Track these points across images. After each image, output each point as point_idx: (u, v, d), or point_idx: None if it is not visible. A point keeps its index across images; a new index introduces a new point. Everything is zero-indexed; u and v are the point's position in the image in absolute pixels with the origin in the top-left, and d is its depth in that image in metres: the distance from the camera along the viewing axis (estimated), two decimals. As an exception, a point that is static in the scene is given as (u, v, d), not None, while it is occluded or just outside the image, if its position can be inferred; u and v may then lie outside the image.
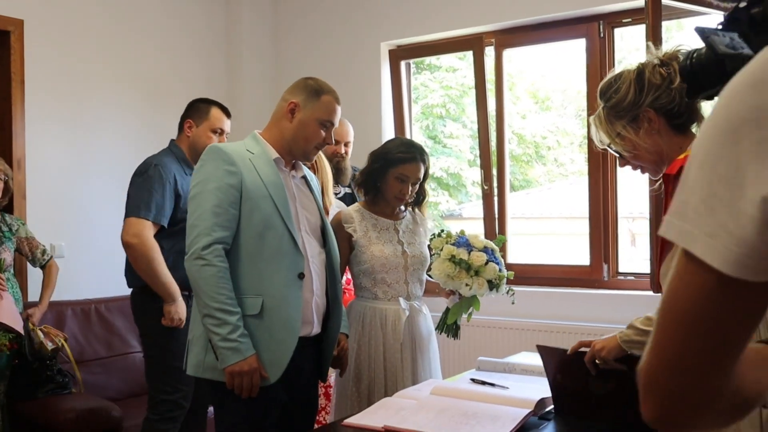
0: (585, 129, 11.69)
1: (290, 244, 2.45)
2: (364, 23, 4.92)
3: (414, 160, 2.93)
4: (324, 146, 2.61)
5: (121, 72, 4.49)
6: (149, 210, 3.20)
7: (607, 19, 4.19)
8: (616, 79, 1.96)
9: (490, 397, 2.33)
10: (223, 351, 2.32)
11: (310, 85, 2.57)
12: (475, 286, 2.83)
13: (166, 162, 3.32)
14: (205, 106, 3.44)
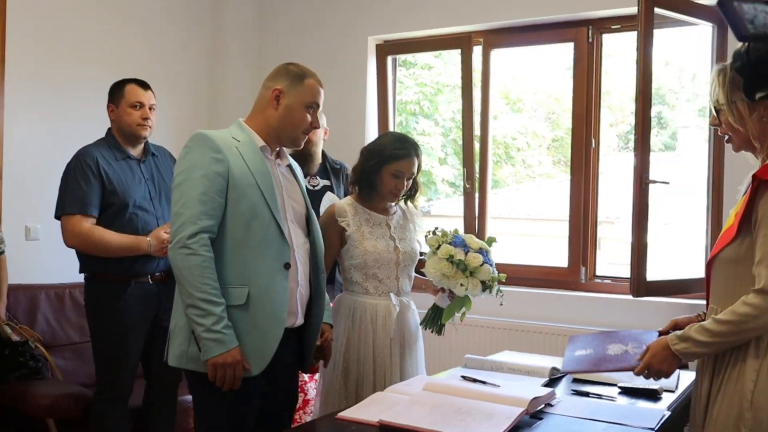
0: (554, 132, 11.80)
1: (277, 233, 2.42)
2: (352, 16, 4.90)
3: (409, 155, 2.93)
4: (311, 130, 2.57)
5: (102, 58, 4.40)
6: (74, 204, 3.22)
7: (596, 24, 4.24)
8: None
9: (483, 395, 2.34)
10: (206, 342, 2.28)
11: (292, 70, 2.54)
12: (470, 286, 2.85)
13: (88, 150, 3.31)
14: (120, 85, 3.43)
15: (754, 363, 1.91)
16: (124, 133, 3.40)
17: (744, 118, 1.93)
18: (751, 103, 1.89)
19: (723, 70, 1.94)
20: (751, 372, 1.91)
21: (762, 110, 1.90)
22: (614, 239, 8.26)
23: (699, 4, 3.79)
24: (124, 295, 3.29)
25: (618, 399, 2.52)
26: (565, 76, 10.97)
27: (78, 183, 3.23)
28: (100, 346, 3.35)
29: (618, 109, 10.63)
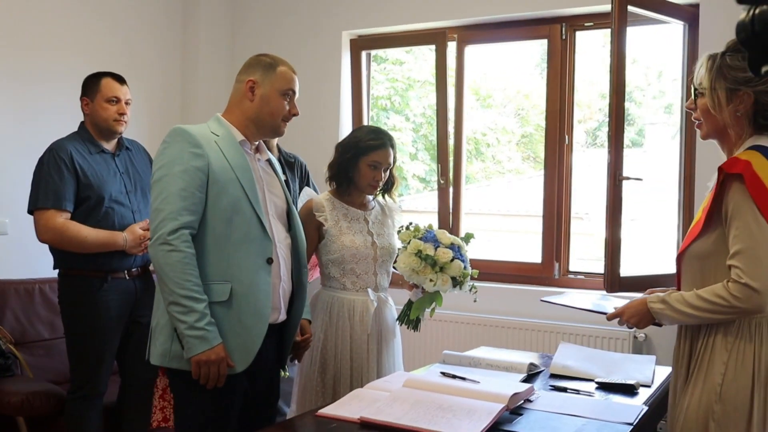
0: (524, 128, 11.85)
1: (258, 228, 2.40)
2: (326, 11, 4.87)
3: (384, 146, 2.95)
4: (291, 117, 2.55)
5: (72, 49, 4.31)
6: (47, 198, 3.16)
7: (570, 22, 4.26)
8: None
9: (463, 391, 2.35)
10: (189, 340, 2.26)
11: (264, 60, 2.53)
12: (439, 282, 2.84)
13: (62, 144, 3.26)
14: (95, 79, 3.38)
15: (722, 356, 1.94)
16: (99, 128, 3.35)
17: (722, 106, 1.98)
18: (729, 94, 1.95)
19: (713, 56, 2.00)
20: (719, 365, 1.94)
21: (738, 104, 1.96)
22: (584, 235, 8.34)
23: (671, 3, 3.83)
24: (100, 291, 3.25)
25: (596, 394, 2.54)
26: (533, 73, 11.06)
27: (51, 177, 3.17)
28: (75, 342, 3.30)
29: (586, 105, 10.73)
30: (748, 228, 1.86)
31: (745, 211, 1.87)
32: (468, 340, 4.22)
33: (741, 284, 1.84)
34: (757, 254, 1.85)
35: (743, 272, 1.85)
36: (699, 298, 1.94)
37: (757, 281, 1.84)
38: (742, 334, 1.92)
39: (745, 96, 1.95)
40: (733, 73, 1.96)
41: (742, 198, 1.88)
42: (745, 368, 1.90)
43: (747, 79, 1.93)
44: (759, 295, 1.84)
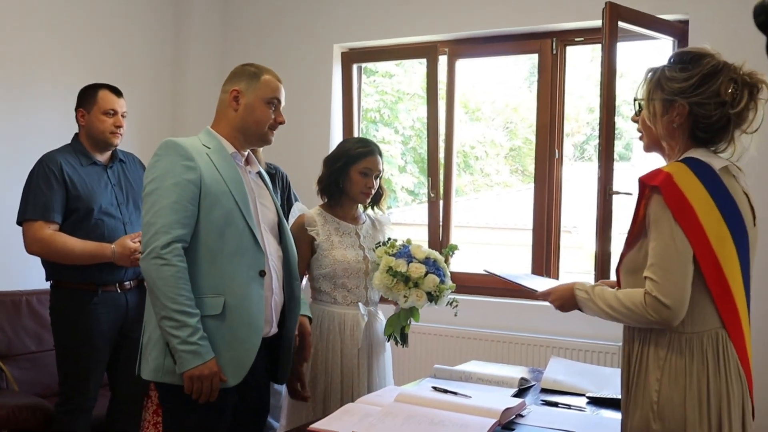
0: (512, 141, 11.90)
1: (251, 240, 2.39)
2: (317, 24, 4.88)
3: (373, 153, 2.97)
4: (277, 126, 2.54)
5: (61, 60, 4.28)
6: (36, 209, 3.14)
7: (560, 37, 4.29)
8: (696, 57, 1.98)
9: (455, 406, 2.34)
10: (182, 355, 2.24)
11: (248, 69, 2.53)
12: (413, 297, 2.79)
13: (53, 156, 3.25)
14: (92, 90, 3.37)
15: (655, 373, 1.94)
16: (94, 140, 3.34)
17: (656, 117, 1.99)
18: (666, 105, 1.96)
19: (654, 69, 2.03)
20: (653, 383, 1.93)
21: (674, 114, 1.96)
22: (573, 248, 8.37)
23: (661, 19, 3.86)
24: (91, 304, 3.22)
25: (587, 409, 2.54)
26: (522, 86, 11.12)
27: (40, 188, 3.16)
28: (65, 355, 3.27)
29: (574, 119, 10.79)
30: (664, 242, 1.86)
31: (663, 224, 1.87)
32: (458, 353, 4.21)
33: (652, 297, 1.85)
34: (670, 269, 1.85)
35: (655, 286, 1.85)
36: (618, 300, 1.94)
37: (668, 297, 1.83)
38: (672, 350, 1.92)
39: (680, 107, 1.95)
40: (669, 84, 1.97)
41: (660, 210, 1.88)
42: (678, 385, 1.90)
43: (682, 90, 1.94)
44: (669, 310, 1.84)
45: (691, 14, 3.88)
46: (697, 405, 1.87)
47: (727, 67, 1.94)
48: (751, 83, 1.93)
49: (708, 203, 1.89)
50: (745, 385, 1.92)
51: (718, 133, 1.97)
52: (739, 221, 1.94)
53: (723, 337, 1.91)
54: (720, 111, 1.93)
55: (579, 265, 8.01)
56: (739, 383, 1.91)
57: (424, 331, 4.35)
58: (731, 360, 1.90)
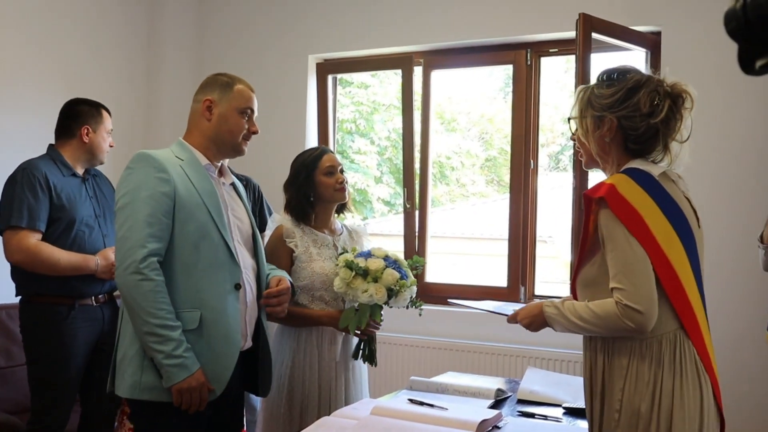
0: (488, 151, 11.94)
1: (226, 254, 2.37)
2: (292, 35, 4.86)
3: (326, 151, 2.99)
4: (251, 136, 2.52)
5: (31, 71, 4.24)
6: (21, 216, 3.06)
7: (535, 48, 4.31)
8: (621, 73, 2.04)
9: (432, 419, 2.32)
10: (169, 369, 2.21)
11: (220, 79, 2.51)
12: (372, 291, 2.72)
13: (36, 163, 3.19)
14: (95, 110, 3.37)
15: (619, 382, 1.95)
16: (89, 156, 3.33)
17: (589, 133, 2.04)
18: (596, 121, 2.02)
19: (585, 87, 2.09)
20: (617, 392, 1.95)
21: (604, 129, 2.01)
22: (548, 258, 8.40)
23: (634, 31, 3.90)
24: (68, 319, 3.16)
25: (563, 420, 2.53)
26: (497, 97, 11.17)
27: (26, 195, 3.07)
28: (38, 372, 3.18)
29: (548, 129, 10.86)
30: (623, 251, 1.88)
31: (617, 234, 1.90)
32: (435, 365, 4.20)
33: (624, 306, 1.86)
34: (635, 276, 1.87)
35: (624, 295, 1.87)
36: (590, 311, 1.95)
37: (639, 303, 1.85)
38: (634, 357, 1.93)
39: (610, 122, 2.00)
40: (598, 101, 2.03)
41: (611, 221, 1.91)
42: (638, 392, 1.91)
43: (610, 105, 2.00)
44: (643, 315, 1.86)
45: (663, 26, 3.92)
46: (650, 404, 1.89)
47: (650, 81, 2.01)
48: (674, 94, 1.99)
49: (653, 209, 1.93)
50: (706, 384, 1.94)
51: (648, 143, 2.02)
52: (684, 223, 1.98)
53: (680, 337, 1.93)
54: (646, 122, 1.99)
55: (555, 274, 8.04)
56: (697, 381, 1.92)
57: (399, 342, 4.34)
58: (688, 359, 1.92)
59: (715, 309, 2.52)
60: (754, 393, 3.70)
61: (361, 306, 2.77)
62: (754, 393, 3.70)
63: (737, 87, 3.66)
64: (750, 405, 3.70)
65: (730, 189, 3.71)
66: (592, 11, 3.74)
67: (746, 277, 3.69)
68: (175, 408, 2.26)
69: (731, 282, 3.68)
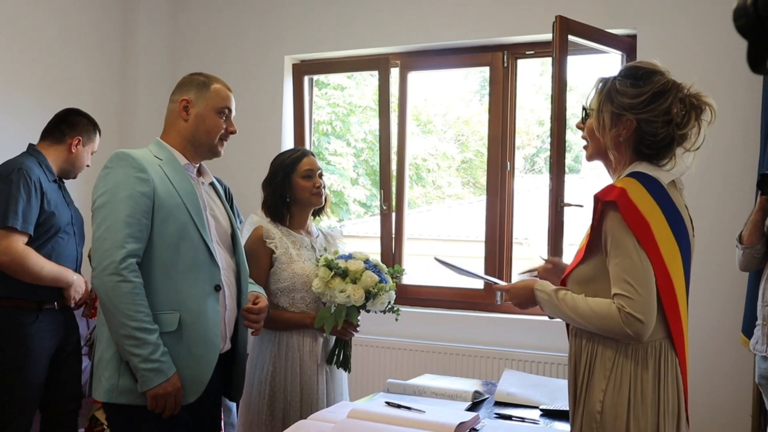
0: (464, 153, 11.94)
1: (206, 255, 2.34)
2: (268, 35, 4.83)
3: (306, 154, 2.96)
4: (228, 136, 2.50)
5: (9, 69, 4.16)
6: (16, 218, 3.00)
7: (511, 50, 4.32)
8: (647, 74, 1.99)
9: (409, 422, 2.31)
10: (144, 373, 2.18)
11: (197, 78, 2.48)
12: (350, 290, 2.70)
13: (30, 166, 3.14)
14: (92, 126, 3.38)
15: (601, 383, 1.96)
16: (70, 167, 3.33)
17: (605, 129, 2.01)
18: (614, 118, 1.98)
19: (605, 80, 2.05)
20: (598, 393, 1.95)
21: (621, 128, 1.99)
22: (524, 260, 8.42)
23: (610, 33, 3.92)
24: (36, 322, 3.11)
25: (540, 422, 2.53)
26: (473, 99, 11.20)
27: (21, 196, 3.01)
28: (2, 378, 3.11)
29: (524, 132, 10.91)
30: (630, 259, 1.88)
31: (624, 241, 1.89)
32: (412, 367, 4.19)
33: (626, 313, 1.86)
34: (640, 285, 1.87)
35: (628, 303, 1.87)
36: (589, 308, 1.94)
37: (640, 313, 1.86)
38: (618, 360, 1.94)
39: (628, 122, 1.98)
40: (620, 98, 1.99)
41: (619, 227, 1.90)
42: (622, 395, 1.92)
43: (632, 106, 1.97)
44: (643, 324, 1.86)
45: (638, 28, 3.95)
46: (638, 413, 1.90)
47: (676, 87, 1.98)
48: (697, 105, 1.97)
49: (660, 218, 1.93)
50: (681, 393, 1.96)
51: (662, 150, 2.01)
52: (685, 235, 1.98)
53: (666, 347, 1.94)
54: (666, 129, 1.96)
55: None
56: (675, 391, 1.94)
57: (376, 344, 4.32)
58: (670, 369, 1.94)
59: (693, 310, 2.53)
60: (728, 393, 3.73)
61: (338, 307, 2.75)
62: (729, 393, 3.73)
63: (713, 89, 3.67)
64: (724, 405, 3.73)
65: (708, 191, 3.73)
66: (568, 14, 3.75)
67: (722, 278, 3.72)
68: (153, 412, 2.24)
69: (708, 283, 3.70)
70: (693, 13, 3.86)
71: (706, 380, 3.71)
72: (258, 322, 2.54)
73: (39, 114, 3.45)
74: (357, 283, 2.72)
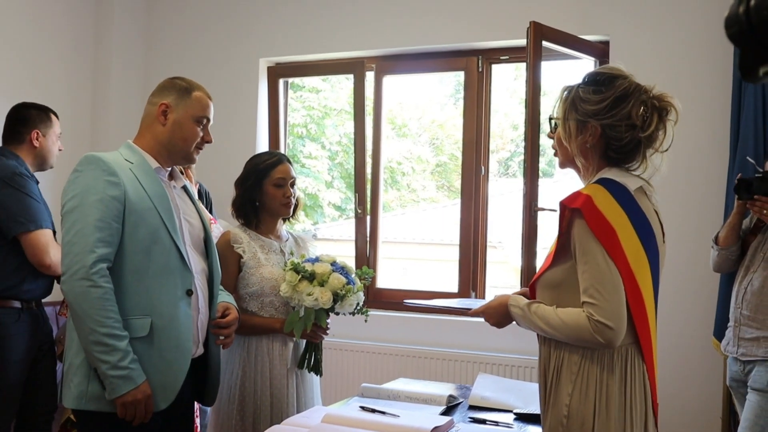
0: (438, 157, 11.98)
1: (177, 259, 2.31)
2: (243, 37, 4.81)
3: (282, 161, 2.92)
4: (204, 145, 2.47)
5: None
6: (44, 219, 3.10)
7: (486, 55, 4.34)
8: (609, 79, 2.01)
9: (383, 426, 2.31)
10: (113, 380, 2.15)
11: (179, 83, 2.44)
12: (317, 294, 2.68)
13: (17, 165, 3.13)
14: (44, 113, 3.32)
15: (567, 387, 1.97)
16: (42, 161, 3.30)
17: (571, 137, 2.03)
18: (580, 126, 2.00)
19: (569, 88, 2.06)
20: (565, 397, 1.97)
21: (587, 135, 2.00)
22: (498, 263, 8.46)
23: (583, 40, 3.95)
24: (18, 322, 3.08)
25: (514, 425, 2.54)
26: (448, 103, 11.23)
27: (33, 199, 3.08)
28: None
29: (498, 136, 10.96)
30: (598, 266, 1.89)
31: (591, 248, 1.90)
32: (386, 371, 4.19)
33: (595, 321, 1.87)
34: (608, 292, 1.88)
35: (596, 311, 1.88)
36: (559, 319, 1.95)
37: (610, 319, 1.86)
38: (584, 365, 1.95)
39: (593, 128, 1.99)
40: (583, 106, 2.00)
41: (585, 235, 1.91)
42: (588, 399, 1.93)
43: (595, 112, 1.98)
44: (613, 331, 1.87)
45: (611, 35, 3.98)
46: (603, 418, 1.91)
47: (638, 90, 1.99)
48: (660, 106, 1.98)
49: (626, 225, 1.93)
50: (649, 399, 1.97)
51: (630, 154, 2.02)
52: (652, 241, 1.99)
53: (632, 352, 1.95)
54: (630, 134, 1.98)
55: (505, 279, 8.11)
56: (643, 397, 1.95)
57: (350, 348, 4.32)
58: (637, 375, 1.95)
59: (665, 313, 2.56)
60: (698, 396, 3.77)
61: (307, 310, 2.74)
62: (699, 396, 3.77)
63: (684, 95, 3.71)
64: (694, 408, 3.77)
65: (680, 195, 3.77)
66: (542, 20, 3.78)
67: (693, 281, 3.76)
68: (124, 419, 2.21)
69: (679, 286, 3.74)
70: (665, 20, 3.90)
71: (676, 383, 3.75)
72: (228, 336, 2.51)
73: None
74: (324, 286, 2.71)
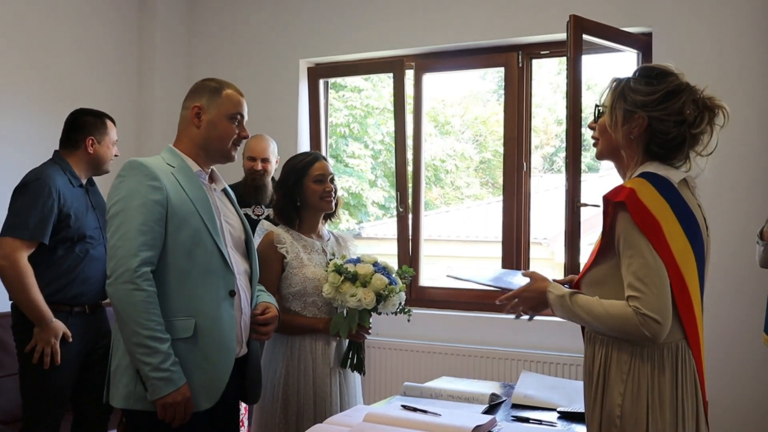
0: (482, 154, 11.91)
1: (220, 261, 2.35)
2: (283, 39, 4.85)
3: (318, 158, 2.95)
4: (241, 141, 2.50)
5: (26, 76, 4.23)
6: (26, 228, 3.03)
7: (526, 50, 4.30)
8: (661, 74, 2.00)
9: (425, 425, 2.31)
10: (154, 382, 2.19)
11: (209, 84, 2.48)
12: (360, 295, 2.69)
13: (51, 174, 3.16)
14: (99, 120, 3.36)
15: (618, 387, 1.94)
16: (94, 166, 3.33)
17: (617, 125, 2.01)
18: (627, 115, 1.99)
19: (619, 79, 2.06)
20: (617, 397, 1.94)
21: (632, 126, 1.99)
22: (543, 260, 8.38)
23: (625, 32, 3.89)
24: (66, 325, 3.14)
25: (558, 424, 2.51)
26: (491, 99, 11.16)
27: (39, 207, 3.06)
28: (32, 378, 3.14)
29: (542, 131, 10.86)
30: (644, 259, 1.87)
31: (636, 241, 1.88)
32: (429, 369, 4.18)
33: (642, 314, 1.85)
34: (654, 285, 1.86)
35: (643, 304, 1.86)
36: (604, 310, 1.93)
37: (656, 313, 1.84)
38: (635, 363, 1.93)
39: (640, 119, 1.98)
40: (633, 96, 2.00)
41: (630, 228, 1.89)
42: (641, 399, 1.91)
43: (644, 103, 1.98)
44: (660, 325, 1.85)
45: (654, 27, 3.91)
46: (657, 417, 1.89)
47: (690, 89, 1.98)
48: (711, 107, 1.97)
49: (670, 217, 1.91)
50: (699, 397, 1.94)
51: (673, 150, 2.00)
52: (697, 234, 1.97)
53: (683, 348, 1.93)
54: (678, 129, 1.96)
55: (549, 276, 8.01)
56: (694, 395, 1.93)
57: (393, 347, 4.32)
58: (688, 372, 1.92)
59: (713, 309, 2.51)
60: (750, 395, 3.69)
61: (350, 311, 2.75)
62: (750, 395, 3.69)
63: (730, 87, 3.65)
64: (745, 406, 3.69)
65: (727, 188, 3.70)
66: (582, 13, 3.73)
67: (744, 276, 3.67)
68: None
69: (728, 283, 3.66)
70: (708, 10, 3.82)
71: (726, 381, 3.67)
72: (266, 334, 2.55)
73: (59, 121, 3.48)
74: (367, 287, 2.72)
